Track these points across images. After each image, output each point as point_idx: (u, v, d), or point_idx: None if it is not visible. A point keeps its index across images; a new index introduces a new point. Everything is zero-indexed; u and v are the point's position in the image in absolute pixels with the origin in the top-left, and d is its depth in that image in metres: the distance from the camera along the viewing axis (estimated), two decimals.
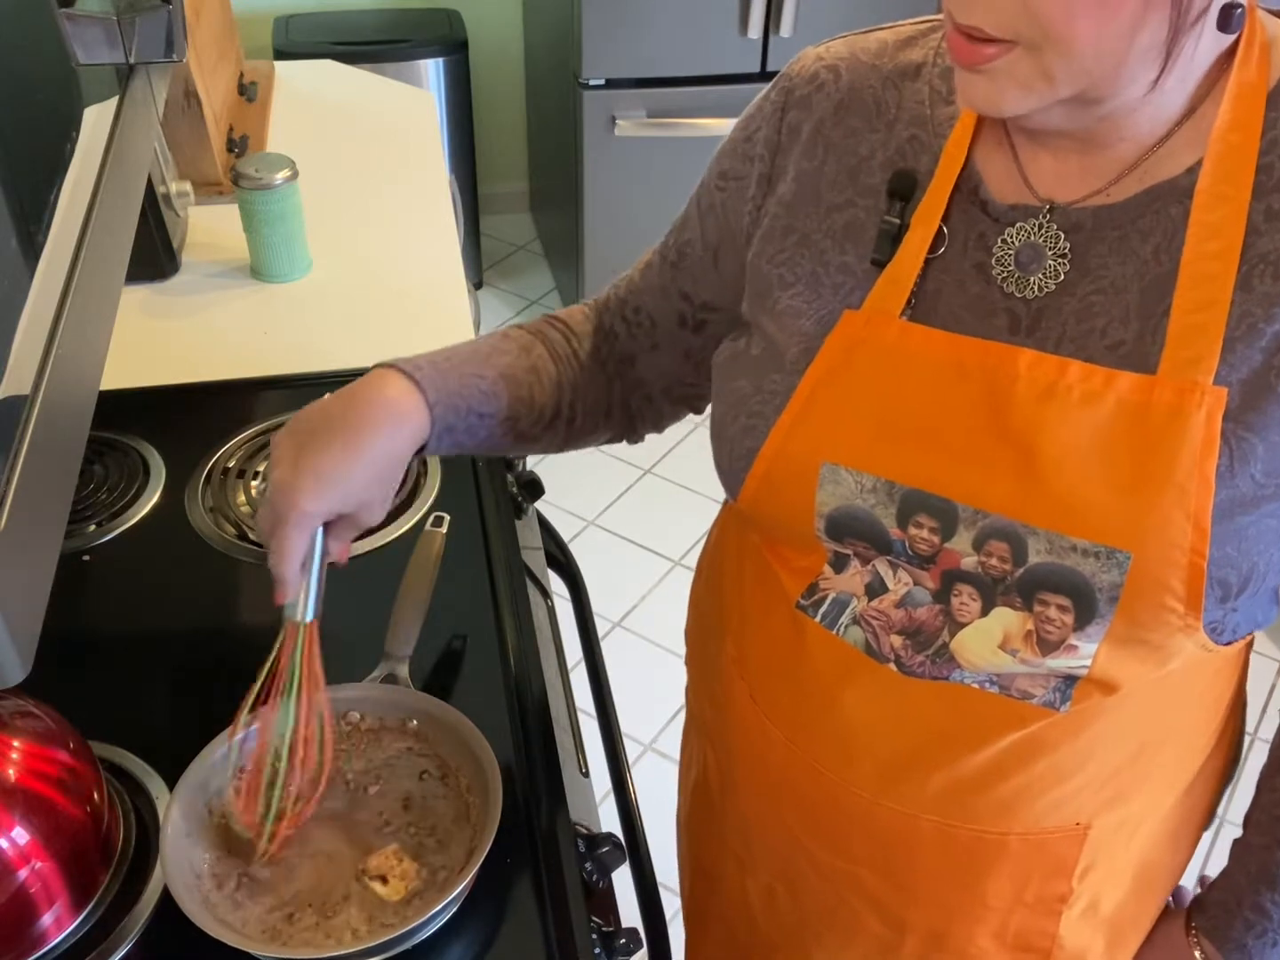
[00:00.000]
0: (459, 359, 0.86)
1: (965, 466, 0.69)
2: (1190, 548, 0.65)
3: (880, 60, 0.76)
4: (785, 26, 2.74)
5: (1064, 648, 0.71)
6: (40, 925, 0.81)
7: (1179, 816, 0.88)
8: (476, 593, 1.11)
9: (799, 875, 0.94)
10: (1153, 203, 0.67)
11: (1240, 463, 0.65)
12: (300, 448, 0.77)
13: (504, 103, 3.60)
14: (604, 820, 1.15)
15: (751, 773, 0.94)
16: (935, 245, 0.72)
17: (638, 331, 0.94)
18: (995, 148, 0.72)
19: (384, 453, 0.79)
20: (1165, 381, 0.64)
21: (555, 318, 0.96)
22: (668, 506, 2.78)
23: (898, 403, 0.71)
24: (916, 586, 0.74)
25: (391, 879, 0.82)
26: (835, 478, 0.72)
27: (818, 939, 0.96)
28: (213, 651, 1.08)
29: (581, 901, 0.87)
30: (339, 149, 1.96)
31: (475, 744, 0.87)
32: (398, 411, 0.80)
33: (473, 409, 0.84)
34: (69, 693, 0.87)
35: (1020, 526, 0.68)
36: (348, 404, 0.80)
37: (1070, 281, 0.69)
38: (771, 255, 0.79)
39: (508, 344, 0.91)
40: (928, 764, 0.80)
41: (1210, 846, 0.95)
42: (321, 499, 0.76)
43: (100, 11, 0.77)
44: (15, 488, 0.53)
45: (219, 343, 1.49)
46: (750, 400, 0.78)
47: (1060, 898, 0.85)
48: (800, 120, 0.78)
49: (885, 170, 0.75)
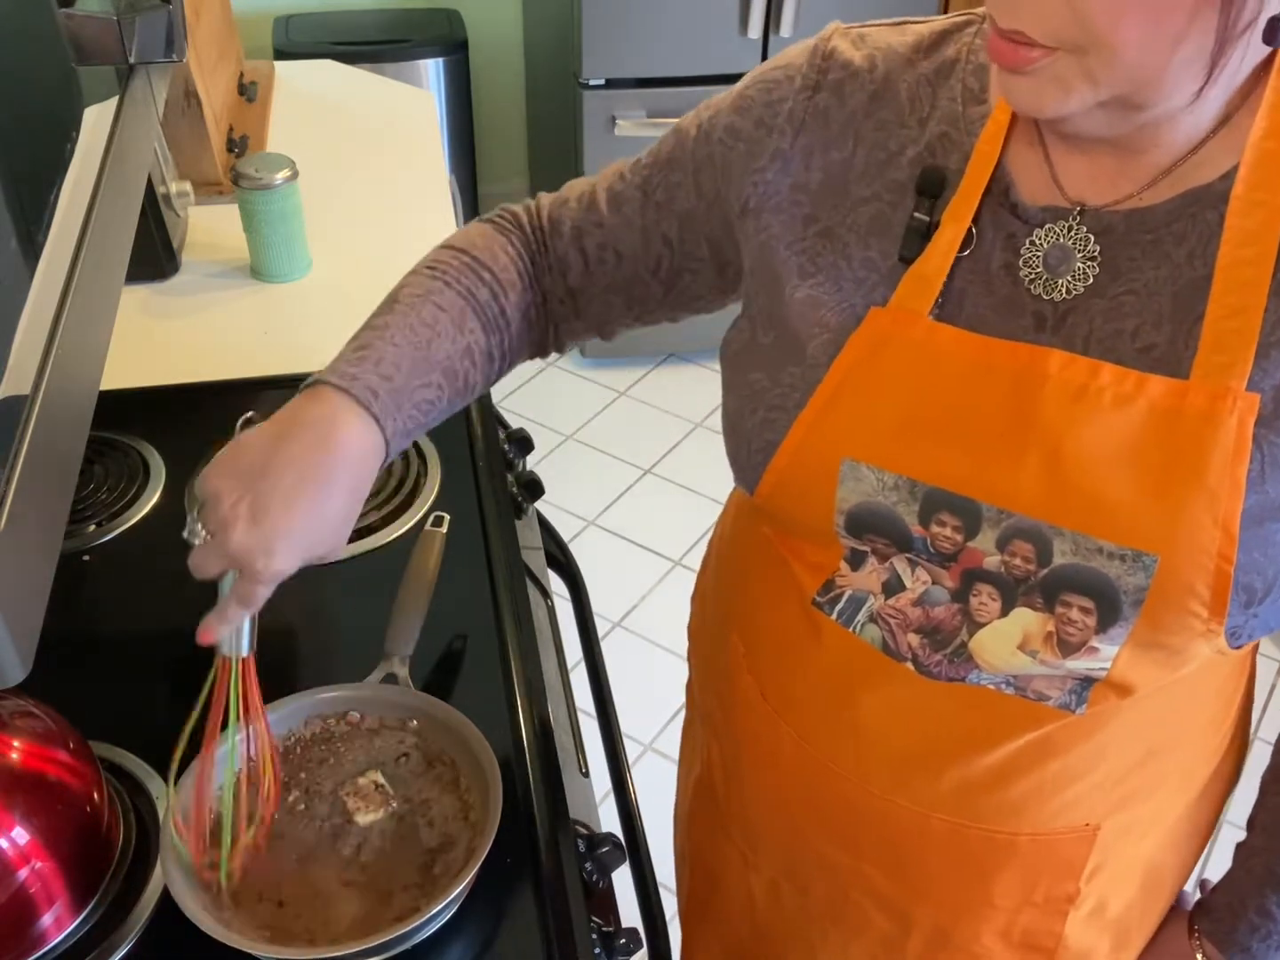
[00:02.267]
0: (405, 362, 0.80)
1: (990, 466, 0.69)
2: (1218, 553, 0.65)
3: (916, 55, 0.75)
4: (785, 26, 2.74)
5: (1085, 650, 0.70)
6: (40, 925, 0.81)
7: (1188, 819, 0.88)
8: (476, 593, 1.11)
9: (805, 871, 0.94)
10: (1188, 207, 0.66)
11: (1272, 469, 0.65)
12: (254, 501, 0.72)
13: (504, 103, 3.60)
14: (604, 820, 1.15)
15: (759, 769, 0.94)
16: (963, 245, 0.71)
17: (597, 269, 0.88)
18: (1027, 148, 0.71)
19: (351, 496, 0.75)
20: (1198, 386, 0.64)
21: (480, 264, 0.87)
22: (668, 506, 2.78)
23: (922, 401, 0.71)
24: (935, 585, 0.74)
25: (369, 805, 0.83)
26: (856, 474, 0.72)
27: (823, 935, 0.96)
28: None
29: (581, 901, 0.87)
30: (339, 149, 1.96)
31: (475, 744, 0.87)
32: (361, 460, 0.75)
33: (421, 423, 0.81)
34: (69, 693, 0.87)
35: (1046, 527, 0.68)
36: (302, 450, 0.74)
37: (1099, 284, 0.68)
38: (790, 242, 0.78)
39: (441, 320, 0.83)
40: (940, 763, 0.80)
41: (1210, 848, 0.95)
42: (294, 558, 0.73)
43: (100, 11, 0.77)
44: (15, 488, 0.53)
45: (219, 343, 1.49)
46: (768, 393, 0.77)
47: (1068, 898, 0.85)
48: (830, 105, 0.77)
49: (914, 166, 0.74)
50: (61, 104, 0.75)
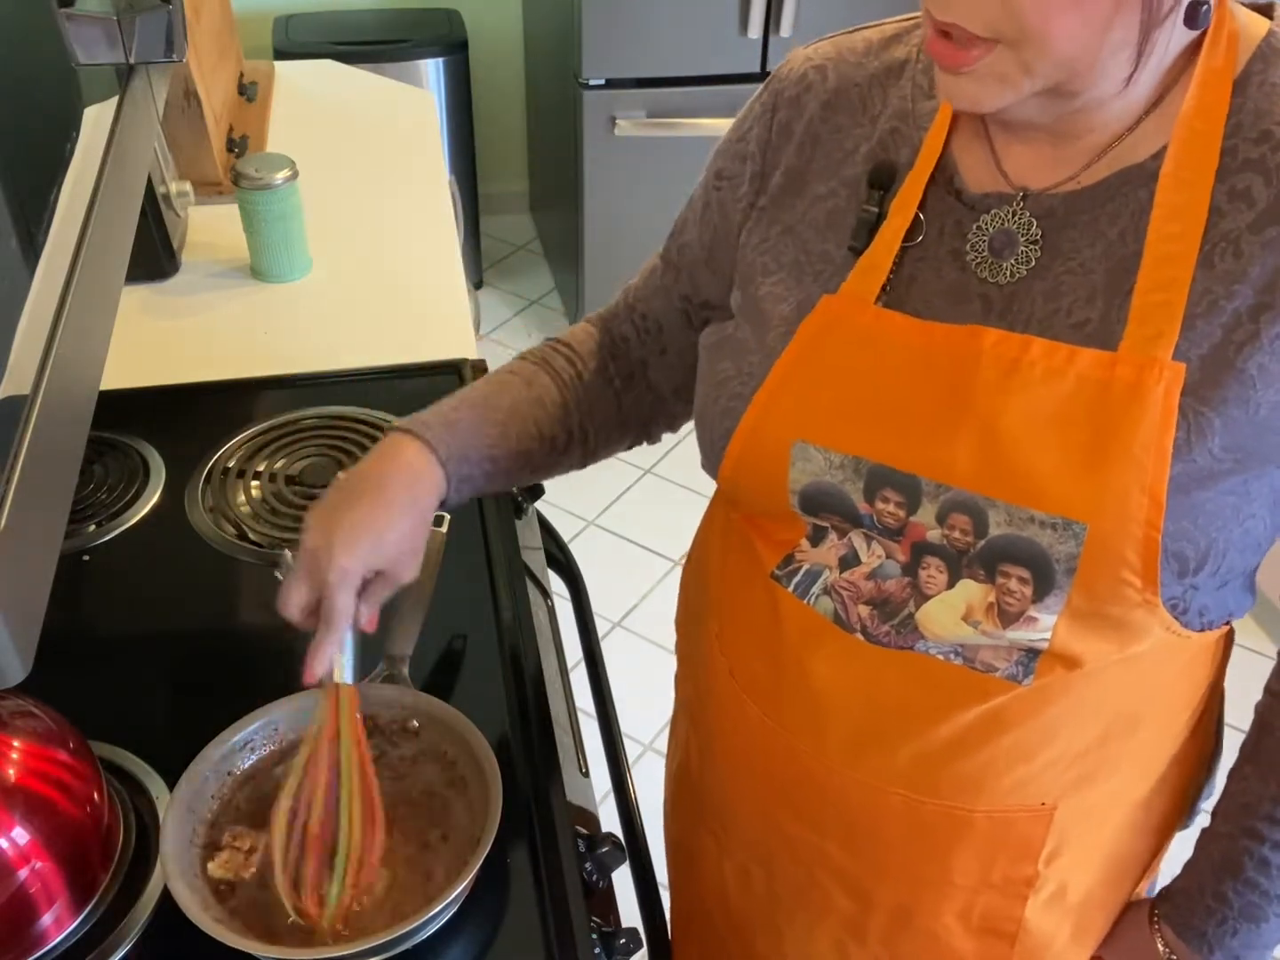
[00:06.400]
0: (464, 407, 0.90)
1: (929, 442, 0.71)
2: (1145, 520, 0.66)
3: (866, 59, 0.79)
4: (785, 26, 2.74)
5: (1023, 619, 0.72)
6: (40, 925, 0.81)
7: (1151, 807, 0.88)
8: (476, 593, 1.11)
9: (772, 855, 0.95)
10: (1121, 186, 0.69)
11: (1198, 437, 0.66)
12: (329, 515, 0.82)
13: (504, 103, 3.61)
14: (604, 820, 1.15)
15: (728, 749, 0.95)
16: (913, 234, 0.74)
17: (646, 337, 0.96)
18: (972, 138, 0.74)
19: (408, 506, 0.84)
20: (1126, 358, 0.66)
21: (559, 341, 0.99)
22: (668, 506, 2.78)
23: (867, 383, 0.73)
24: (889, 559, 0.76)
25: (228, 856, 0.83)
26: (805, 455, 0.75)
27: (789, 919, 0.97)
28: (213, 651, 1.08)
29: (581, 901, 0.87)
30: (339, 149, 1.96)
31: (475, 744, 0.87)
32: (414, 471, 0.85)
33: (485, 455, 0.89)
34: (69, 693, 0.87)
35: (980, 499, 0.70)
36: (368, 471, 0.85)
37: (1042, 266, 0.71)
38: (756, 244, 0.82)
39: (512, 380, 0.94)
40: (894, 736, 0.81)
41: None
42: (356, 554, 0.80)
43: (100, 11, 0.77)
44: (15, 488, 0.53)
45: (219, 343, 1.49)
46: (731, 382, 0.80)
47: (1026, 881, 0.86)
48: (790, 119, 0.81)
49: (867, 162, 0.77)
50: (61, 104, 0.75)
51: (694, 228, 0.89)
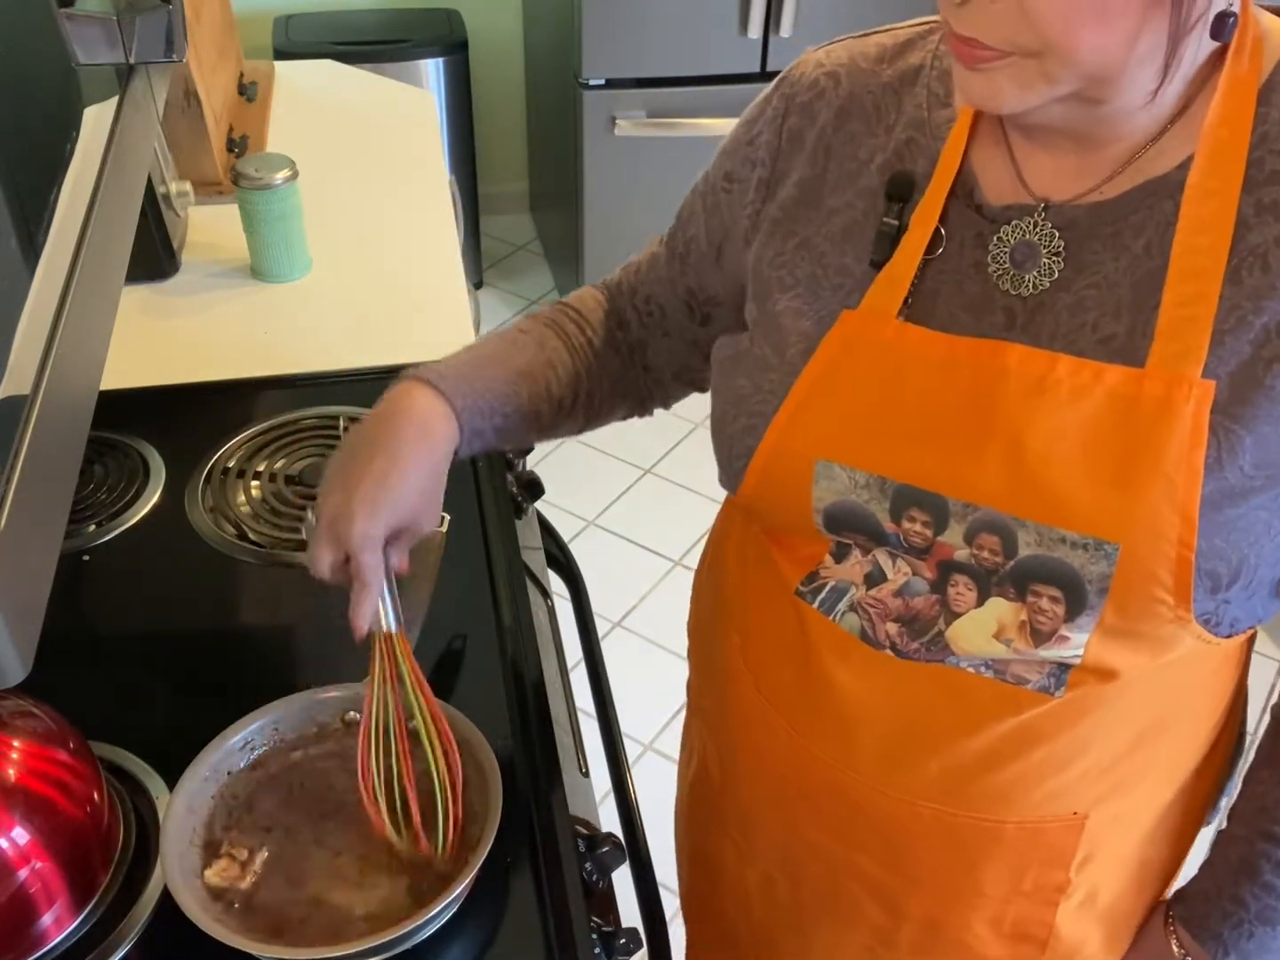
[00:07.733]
0: (480, 362, 0.90)
1: (955, 461, 0.70)
2: (1178, 539, 0.65)
3: (879, 66, 0.78)
4: (785, 26, 2.73)
5: (1056, 638, 0.71)
6: (40, 925, 0.81)
7: (1178, 811, 0.88)
8: (476, 593, 1.11)
9: (798, 864, 0.94)
10: (1145, 198, 0.67)
11: (1228, 455, 0.65)
12: (345, 474, 0.81)
13: (504, 103, 3.60)
14: (604, 820, 1.15)
15: (753, 761, 0.95)
16: (934, 246, 0.73)
17: (649, 320, 0.96)
18: (992, 147, 0.73)
19: (422, 462, 0.83)
20: (1154, 374, 0.65)
21: (569, 306, 0.98)
22: (668, 506, 2.78)
23: (891, 400, 0.72)
24: (915, 576, 0.75)
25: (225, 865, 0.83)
26: (829, 474, 0.74)
27: (816, 927, 0.97)
28: (213, 651, 1.08)
29: (581, 901, 0.87)
30: (339, 149, 1.96)
31: (475, 744, 0.87)
32: (428, 422, 0.84)
33: (496, 410, 0.88)
34: (69, 693, 0.87)
35: (1010, 519, 0.69)
36: (381, 423, 0.84)
37: (1065, 278, 0.69)
38: (771, 259, 0.80)
39: (524, 340, 0.93)
40: (925, 750, 0.80)
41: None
42: (377, 518, 0.80)
43: (100, 11, 0.77)
44: (15, 488, 0.53)
45: (219, 343, 1.49)
46: (750, 399, 0.79)
47: (1058, 888, 0.85)
48: (802, 126, 0.80)
49: (883, 173, 0.76)
50: (61, 104, 0.75)
51: (701, 225, 0.88)
